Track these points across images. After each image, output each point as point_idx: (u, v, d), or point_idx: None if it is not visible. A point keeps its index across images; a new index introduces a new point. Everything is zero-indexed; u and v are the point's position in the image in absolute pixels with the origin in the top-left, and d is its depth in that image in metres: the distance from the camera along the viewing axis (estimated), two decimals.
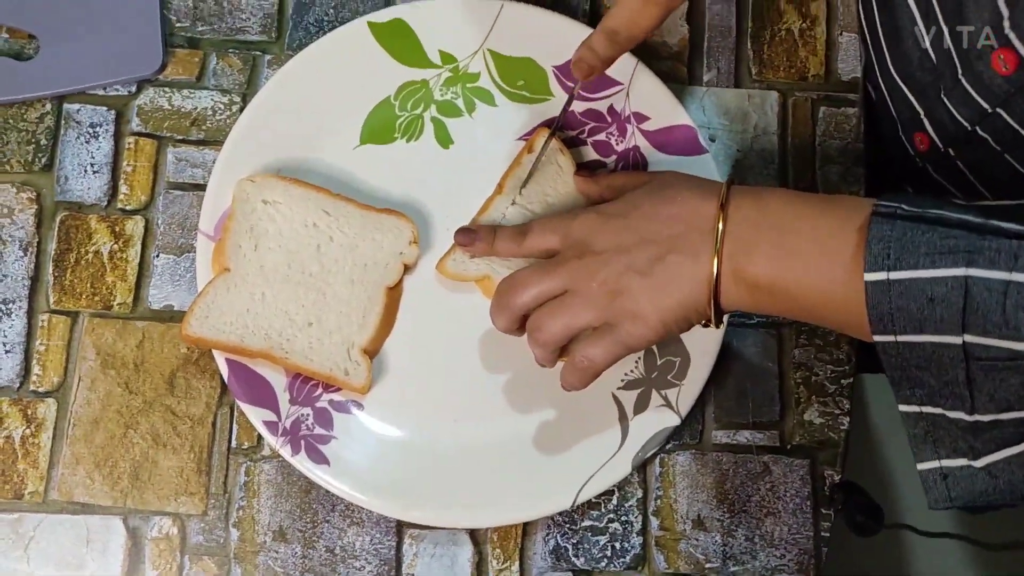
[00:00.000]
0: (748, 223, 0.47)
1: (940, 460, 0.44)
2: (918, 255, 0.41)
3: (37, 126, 0.59)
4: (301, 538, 0.55)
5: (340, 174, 0.58)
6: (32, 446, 0.55)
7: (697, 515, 0.56)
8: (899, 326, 0.42)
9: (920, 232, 0.42)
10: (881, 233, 0.42)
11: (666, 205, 0.49)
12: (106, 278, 0.57)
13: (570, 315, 0.49)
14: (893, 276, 0.42)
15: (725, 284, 0.47)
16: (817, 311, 0.47)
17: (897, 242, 0.42)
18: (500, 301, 0.51)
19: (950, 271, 0.41)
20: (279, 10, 0.61)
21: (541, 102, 0.59)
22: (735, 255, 0.47)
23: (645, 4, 0.50)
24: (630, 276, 0.48)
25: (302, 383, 0.55)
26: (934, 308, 0.41)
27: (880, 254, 0.42)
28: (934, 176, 0.59)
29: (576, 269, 0.49)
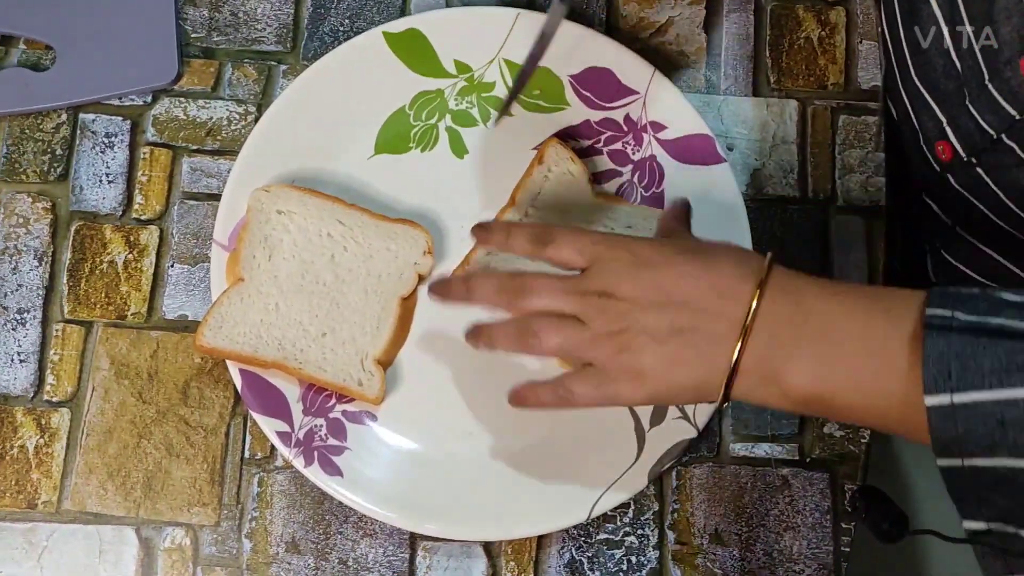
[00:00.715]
0: (783, 322, 0.43)
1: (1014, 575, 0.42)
2: (983, 374, 0.38)
3: (53, 136, 0.59)
4: (314, 550, 0.54)
5: (355, 184, 0.57)
6: (46, 456, 0.55)
7: (715, 529, 0.55)
8: (966, 450, 0.39)
9: (982, 347, 0.38)
10: (938, 351, 0.39)
11: (702, 269, 0.45)
12: (120, 288, 0.57)
13: (572, 345, 0.47)
14: (957, 399, 0.38)
15: (749, 381, 0.44)
16: (867, 422, 0.45)
17: (957, 360, 0.39)
18: (505, 292, 0.48)
19: (1021, 391, 0.38)
20: (294, 20, 0.61)
21: (557, 111, 0.59)
22: (768, 357, 0.44)
23: None
24: (644, 338, 0.45)
25: (315, 394, 0.54)
26: (1006, 432, 0.38)
27: (940, 375, 0.39)
28: (955, 186, 0.58)
29: (594, 307, 0.46)
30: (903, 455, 0.69)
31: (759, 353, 0.44)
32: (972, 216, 0.58)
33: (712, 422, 0.55)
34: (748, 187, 0.60)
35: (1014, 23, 0.47)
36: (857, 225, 0.60)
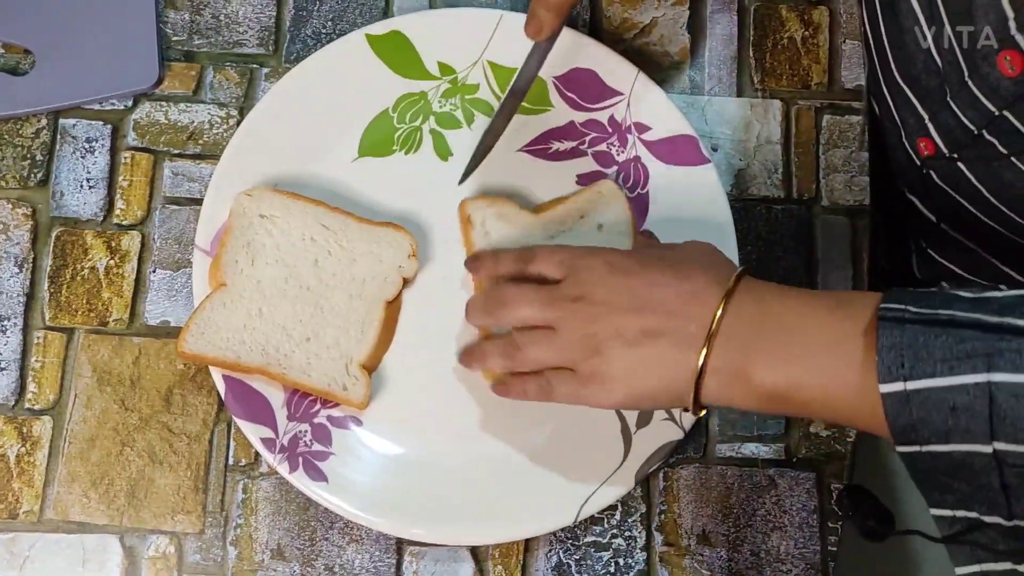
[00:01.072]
0: (747, 321, 0.45)
1: (980, 564, 0.42)
2: (934, 362, 0.40)
3: (33, 141, 0.58)
4: (300, 556, 0.54)
5: (338, 187, 0.57)
6: (27, 464, 0.54)
7: (702, 530, 0.55)
8: (923, 437, 0.40)
9: (933, 336, 0.40)
10: (891, 341, 0.41)
11: (674, 277, 0.47)
12: (102, 294, 0.57)
13: (549, 355, 0.49)
14: (911, 386, 0.40)
15: (720, 382, 0.46)
16: (827, 414, 0.45)
17: (909, 349, 0.40)
18: (485, 306, 0.52)
19: (971, 377, 0.39)
20: (276, 23, 0.61)
21: (541, 113, 0.59)
22: (734, 355, 0.45)
23: None
24: (614, 340, 0.47)
25: (300, 399, 0.54)
26: (958, 418, 0.39)
27: (893, 363, 0.40)
28: (937, 182, 0.58)
29: (568, 312, 0.48)
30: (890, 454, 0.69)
31: (726, 354, 0.45)
32: (955, 212, 0.58)
33: (698, 423, 0.55)
34: (733, 187, 0.60)
35: (991, 20, 0.47)
36: (842, 224, 0.60)
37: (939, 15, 0.51)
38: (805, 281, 0.59)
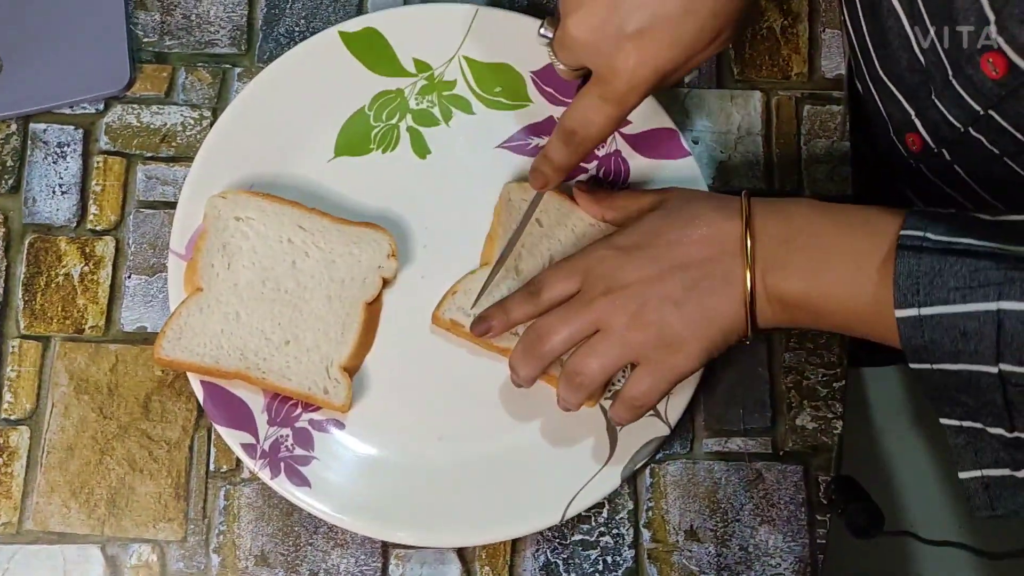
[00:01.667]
0: (777, 240, 0.47)
1: (982, 470, 0.44)
2: (947, 290, 0.42)
3: (3, 147, 0.57)
4: (284, 562, 0.53)
5: (315, 188, 0.56)
6: (5, 475, 0.54)
7: (690, 526, 0.55)
8: (934, 356, 0.43)
9: (948, 265, 0.42)
10: (908, 268, 0.43)
11: (688, 228, 0.49)
12: (77, 301, 0.56)
13: (608, 356, 0.48)
14: (924, 312, 0.42)
15: (760, 303, 0.48)
16: (850, 326, 0.48)
17: (925, 277, 0.42)
18: (528, 351, 0.50)
19: (981, 305, 0.41)
20: (248, 22, 0.60)
21: (519, 108, 0.58)
22: (768, 274, 0.47)
23: (601, 102, 0.48)
24: (666, 307, 0.47)
25: (280, 403, 0.53)
26: (968, 341, 0.42)
27: (909, 290, 0.42)
28: (928, 176, 0.58)
29: (606, 305, 0.48)
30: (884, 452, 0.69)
31: (761, 274, 0.47)
32: (948, 205, 0.58)
33: (684, 418, 0.55)
34: (714, 180, 0.59)
35: (973, 22, 0.47)
36: None
37: (920, 16, 0.50)
38: None
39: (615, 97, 0.48)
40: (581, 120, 0.49)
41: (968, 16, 0.47)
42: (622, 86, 0.48)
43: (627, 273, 0.48)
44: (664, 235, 0.49)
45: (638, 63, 0.47)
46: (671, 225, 0.49)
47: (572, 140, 0.50)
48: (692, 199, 0.51)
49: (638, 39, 0.46)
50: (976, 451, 0.44)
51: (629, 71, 0.47)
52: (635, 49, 0.47)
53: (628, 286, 0.48)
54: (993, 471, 0.44)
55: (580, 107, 0.49)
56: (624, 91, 0.48)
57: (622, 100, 0.48)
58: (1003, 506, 0.44)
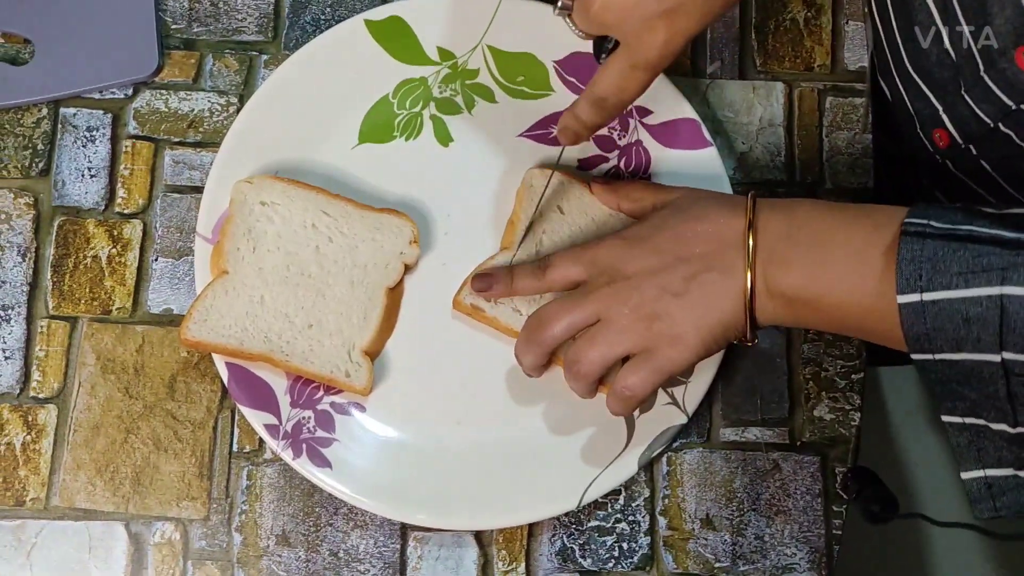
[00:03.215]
0: (779, 236, 0.47)
1: (984, 470, 0.44)
2: (950, 275, 0.41)
3: (34, 131, 0.58)
4: (304, 542, 0.54)
5: (339, 174, 0.57)
6: (33, 452, 0.55)
7: (706, 514, 0.55)
8: (936, 345, 0.42)
9: (951, 251, 0.41)
10: (912, 253, 0.42)
11: (693, 223, 0.49)
12: (105, 283, 0.57)
13: (607, 344, 0.48)
14: (927, 297, 0.42)
15: (760, 299, 0.47)
16: (852, 324, 0.47)
17: (928, 262, 0.42)
18: (530, 338, 0.50)
19: (984, 290, 0.40)
20: (275, 10, 0.61)
21: (542, 98, 0.59)
22: (769, 269, 0.47)
23: (632, 70, 0.49)
24: (665, 298, 0.48)
25: (303, 386, 0.54)
26: (970, 328, 0.41)
27: (912, 275, 0.42)
28: (954, 172, 0.58)
29: (607, 296, 0.48)
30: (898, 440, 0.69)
31: (762, 269, 0.47)
32: (973, 200, 0.58)
33: (702, 406, 0.55)
34: (735, 171, 0.59)
35: (1008, 14, 0.46)
36: None
37: (953, 10, 0.50)
38: None
39: (648, 65, 0.48)
40: (614, 88, 0.49)
41: (1003, 8, 0.46)
42: (656, 55, 0.48)
43: (630, 264, 0.49)
44: (669, 228, 0.49)
45: (670, 36, 0.47)
46: (678, 219, 0.49)
47: (604, 105, 0.50)
48: (701, 197, 0.51)
49: (671, 16, 0.47)
50: (979, 449, 0.44)
51: (661, 43, 0.47)
52: (667, 25, 0.47)
53: (630, 277, 0.48)
54: (996, 471, 0.43)
55: (611, 74, 0.49)
56: (658, 60, 0.48)
57: (656, 67, 0.49)
58: (1007, 507, 0.43)
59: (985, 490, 0.44)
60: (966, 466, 0.44)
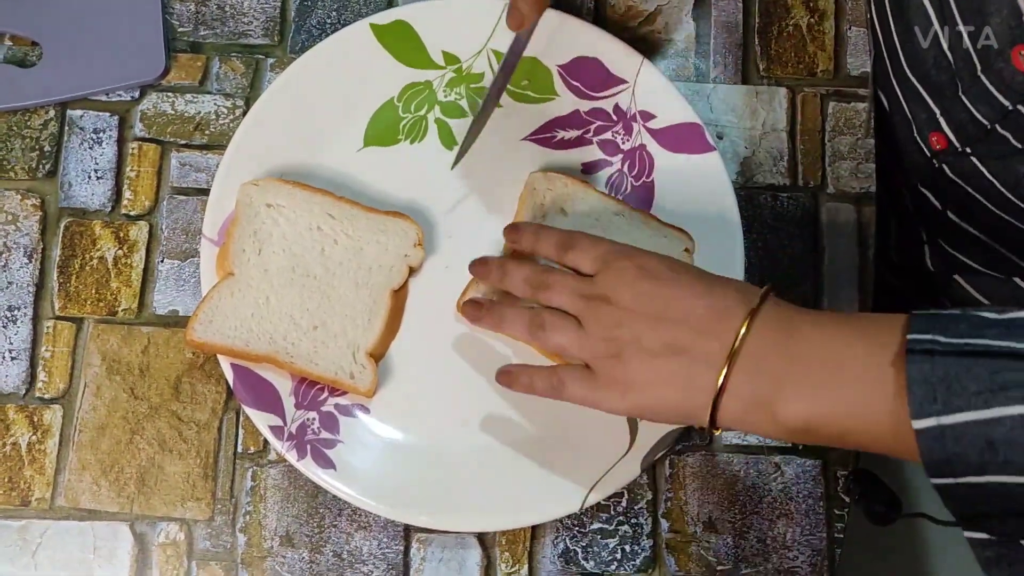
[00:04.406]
0: (775, 350, 0.44)
1: None
2: (968, 396, 0.38)
3: (41, 133, 0.59)
4: (308, 543, 0.54)
5: (344, 177, 0.57)
6: (38, 453, 0.55)
7: (708, 517, 0.55)
8: (958, 470, 0.40)
9: (965, 368, 0.39)
10: (922, 375, 0.39)
11: (703, 289, 0.46)
12: (111, 284, 0.57)
13: (572, 344, 0.48)
14: (945, 421, 0.39)
15: (742, 407, 0.44)
16: (862, 446, 0.44)
17: (941, 383, 0.39)
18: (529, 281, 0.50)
19: (1007, 410, 0.38)
20: (281, 13, 0.61)
21: (546, 102, 0.59)
22: (760, 383, 0.44)
23: None
24: (634, 349, 0.46)
25: (307, 387, 0.54)
26: (996, 451, 0.38)
27: (925, 398, 0.39)
28: (950, 176, 0.58)
29: (594, 312, 0.48)
30: None
31: (749, 379, 0.44)
32: (968, 206, 0.58)
33: None
34: (738, 175, 0.60)
35: (1004, 15, 0.47)
36: (848, 212, 0.60)
37: (950, 11, 0.50)
38: (810, 269, 0.59)
39: None
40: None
41: (1000, 9, 0.47)
42: None
43: (628, 297, 0.47)
44: (681, 285, 0.47)
45: None
46: (692, 279, 0.47)
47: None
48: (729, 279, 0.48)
49: None
50: (1010, 564, 0.41)
51: None
52: None
53: (623, 310, 0.47)
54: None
55: None
56: None
57: None
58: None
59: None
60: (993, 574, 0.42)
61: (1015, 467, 0.38)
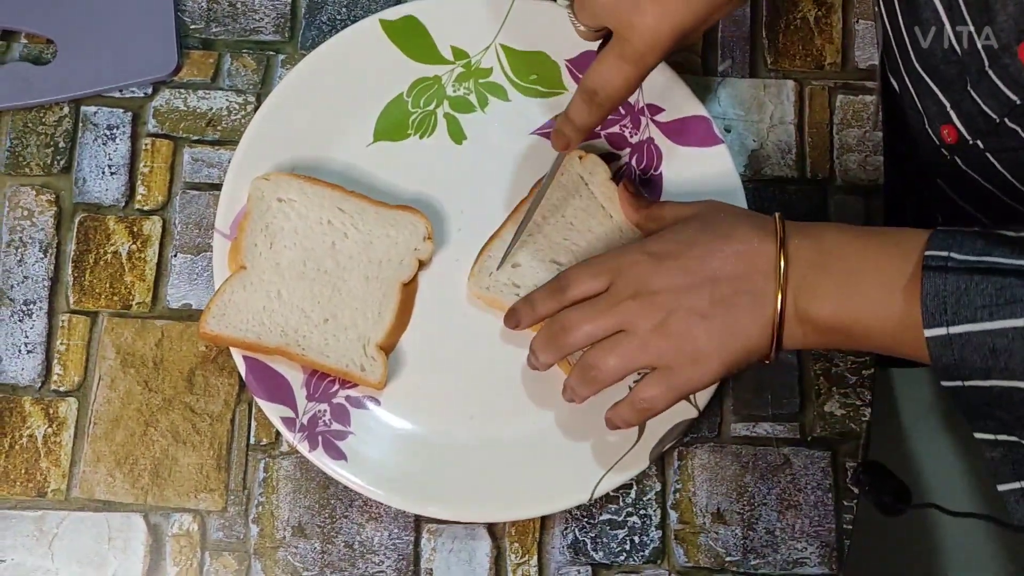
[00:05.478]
0: (810, 264, 0.47)
1: (1021, 482, 0.45)
2: (975, 308, 0.42)
3: (55, 129, 0.60)
4: (320, 533, 0.55)
5: (354, 171, 0.58)
6: (54, 444, 0.56)
7: (716, 508, 0.56)
8: (965, 374, 0.43)
9: (974, 284, 0.42)
10: (935, 288, 0.43)
11: (721, 242, 0.48)
12: (125, 278, 0.58)
13: (628, 357, 0.48)
14: (953, 331, 0.43)
15: (789, 325, 0.48)
16: (882, 347, 0.48)
17: (952, 296, 0.43)
18: (550, 341, 0.50)
19: (1009, 322, 0.41)
20: (292, 10, 0.62)
21: (554, 96, 0.59)
22: (800, 297, 0.47)
23: (620, 60, 0.49)
24: (690, 319, 0.47)
25: (319, 379, 0.55)
26: (998, 358, 0.42)
27: (936, 310, 0.43)
28: (963, 168, 0.58)
29: (632, 310, 0.48)
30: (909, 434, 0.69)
31: (792, 297, 0.47)
32: (982, 196, 0.58)
33: (713, 402, 0.56)
34: (746, 168, 0.60)
35: (1010, 11, 0.47)
36: (856, 204, 0.60)
37: (957, 5, 0.51)
38: None
39: (634, 56, 0.49)
40: (601, 80, 0.50)
41: (1006, 5, 0.47)
42: (641, 46, 0.48)
43: (658, 280, 0.48)
44: (698, 246, 0.49)
45: (656, 22, 0.48)
46: (706, 237, 0.49)
47: (593, 100, 0.50)
48: (728, 213, 0.51)
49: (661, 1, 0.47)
50: (1014, 463, 0.44)
51: (648, 30, 0.48)
52: (653, 9, 0.47)
53: (657, 293, 0.48)
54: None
55: (601, 67, 0.50)
56: (643, 50, 0.48)
57: (641, 59, 0.49)
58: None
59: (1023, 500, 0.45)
60: (1002, 479, 0.45)
61: (1014, 372, 0.42)
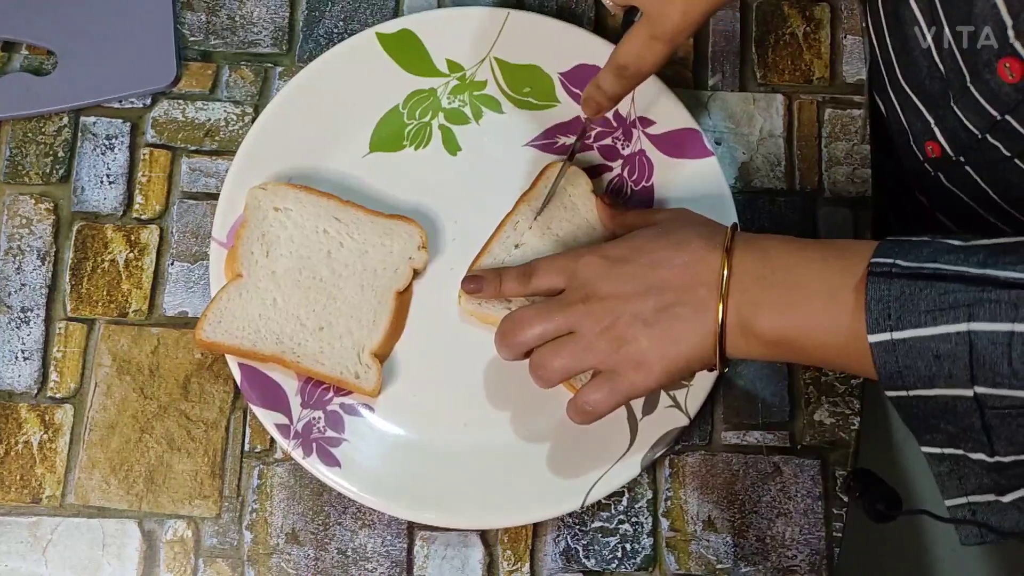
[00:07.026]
0: (753, 277, 0.48)
1: (967, 496, 0.44)
2: (919, 313, 0.42)
3: (55, 139, 0.60)
4: (313, 540, 0.55)
5: (350, 181, 0.59)
6: (50, 451, 0.56)
7: (708, 516, 0.56)
8: (909, 382, 0.43)
9: (918, 289, 0.42)
10: (879, 294, 0.43)
11: (672, 251, 0.49)
12: (122, 286, 0.58)
13: (572, 358, 0.50)
14: (896, 336, 0.43)
15: (732, 336, 0.48)
16: (828, 361, 0.48)
17: (896, 302, 0.43)
18: (503, 338, 0.52)
19: (952, 327, 0.41)
20: (290, 23, 0.63)
21: (547, 108, 0.60)
22: (742, 309, 0.48)
23: (651, 39, 0.50)
24: (635, 325, 0.48)
25: (313, 387, 0.55)
26: (942, 364, 0.42)
27: (881, 315, 0.43)
28: (946, 185, 0.59)
29: (581, 313, 0.50)
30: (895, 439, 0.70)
31: (738, 309, 0.48)
32: (965, 213, 0.59)
33: (704, 410, 0.56)
34: (736, 180, 0.61)
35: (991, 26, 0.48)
36: (844, 216, 0.61)
37: (940, 22, 0.52)
38: None
39: (665, 36, 0.50)
40: (633, 55, 0.51)
41: (986, 20, 0.48)
42: (673, 27, 0.49)
43: (607, 285, 0.49)
44: (649, 254, 0.50)
45: (687, 7, 0.49)
46: (658, 246, 0.50)
47: (624, 73, 0.51)
48: (684, 223, 0.52)
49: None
50: (960, 478, 0.44)
51: (679, 14, 0.49)
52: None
53: (605, 299, 0.49)
54: (978, 497, 0.44)
55: (632, 44, 0.51)
56: (674, 32, 0.49)
57: (673, 39, 0.50)
58: (990, 531, 0.43)
59: (969, 516, 0.44)
60: (949, 493, 0.45)
61: (958, 380, 0.41)
